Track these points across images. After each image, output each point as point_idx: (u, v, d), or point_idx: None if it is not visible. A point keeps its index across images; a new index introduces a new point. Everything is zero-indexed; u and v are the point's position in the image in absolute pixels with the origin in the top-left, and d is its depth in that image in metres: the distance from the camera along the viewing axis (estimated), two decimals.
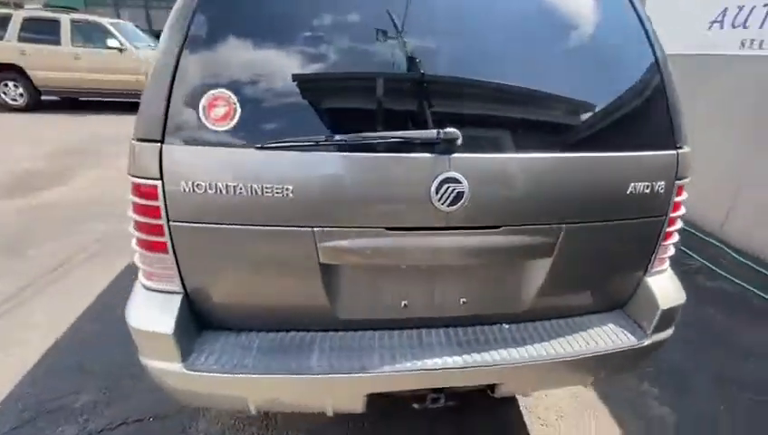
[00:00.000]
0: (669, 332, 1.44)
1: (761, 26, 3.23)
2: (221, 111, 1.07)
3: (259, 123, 1.10)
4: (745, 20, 3.34)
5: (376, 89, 1.15)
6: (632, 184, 1.26)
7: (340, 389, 1.24)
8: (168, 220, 1.11)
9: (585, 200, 1.26)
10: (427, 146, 1.11)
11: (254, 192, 1.08)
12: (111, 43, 7.70)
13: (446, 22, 1.19)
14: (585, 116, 1.29)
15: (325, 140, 1.08)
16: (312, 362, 1.20)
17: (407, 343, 1.28)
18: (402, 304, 1.29)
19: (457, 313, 1.33)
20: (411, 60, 1.14)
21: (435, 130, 1.08)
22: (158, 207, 1.10)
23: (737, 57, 3.43)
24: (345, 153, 1.10)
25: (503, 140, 1.20)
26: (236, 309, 1.27)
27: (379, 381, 1.22)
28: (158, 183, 1.08)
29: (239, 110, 1.07)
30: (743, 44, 3.38)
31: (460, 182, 1.11)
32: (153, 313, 1.18)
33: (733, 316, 2.61)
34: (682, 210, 1.37)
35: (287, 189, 1.09)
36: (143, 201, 1.11)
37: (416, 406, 1.36)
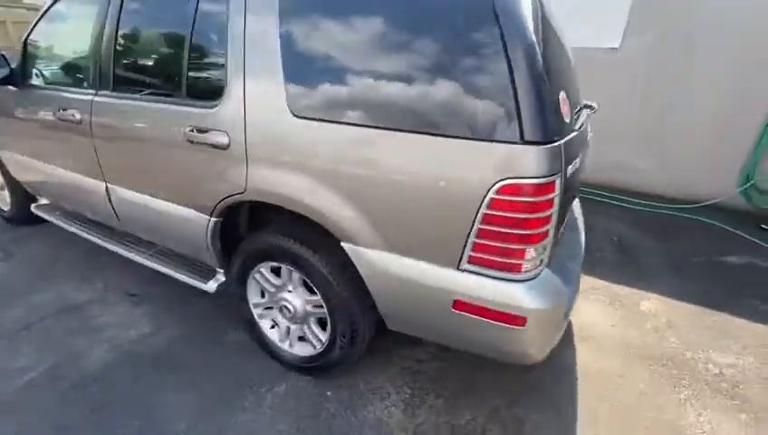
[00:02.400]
0: None
1: None
2: (566, 106, 1.33)
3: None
4: None
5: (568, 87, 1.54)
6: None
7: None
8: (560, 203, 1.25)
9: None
10: None
11: None
12: None
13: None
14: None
15: None
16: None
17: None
18: None
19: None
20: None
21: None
22: (552, 199, 1.20)
23: None
24: None
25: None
26: None
27: None
28: (558, 176, 1.19)
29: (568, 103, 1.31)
30: None
31: None
32: (555, 289, 1.39)
33: None
34: None
35: None
36: (540, 198, 1.18)
37: None
